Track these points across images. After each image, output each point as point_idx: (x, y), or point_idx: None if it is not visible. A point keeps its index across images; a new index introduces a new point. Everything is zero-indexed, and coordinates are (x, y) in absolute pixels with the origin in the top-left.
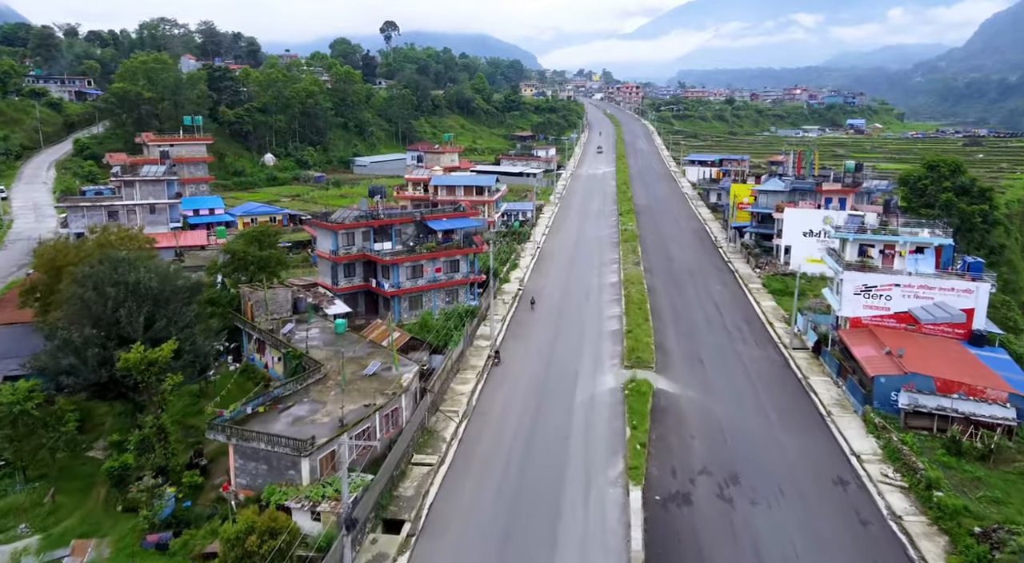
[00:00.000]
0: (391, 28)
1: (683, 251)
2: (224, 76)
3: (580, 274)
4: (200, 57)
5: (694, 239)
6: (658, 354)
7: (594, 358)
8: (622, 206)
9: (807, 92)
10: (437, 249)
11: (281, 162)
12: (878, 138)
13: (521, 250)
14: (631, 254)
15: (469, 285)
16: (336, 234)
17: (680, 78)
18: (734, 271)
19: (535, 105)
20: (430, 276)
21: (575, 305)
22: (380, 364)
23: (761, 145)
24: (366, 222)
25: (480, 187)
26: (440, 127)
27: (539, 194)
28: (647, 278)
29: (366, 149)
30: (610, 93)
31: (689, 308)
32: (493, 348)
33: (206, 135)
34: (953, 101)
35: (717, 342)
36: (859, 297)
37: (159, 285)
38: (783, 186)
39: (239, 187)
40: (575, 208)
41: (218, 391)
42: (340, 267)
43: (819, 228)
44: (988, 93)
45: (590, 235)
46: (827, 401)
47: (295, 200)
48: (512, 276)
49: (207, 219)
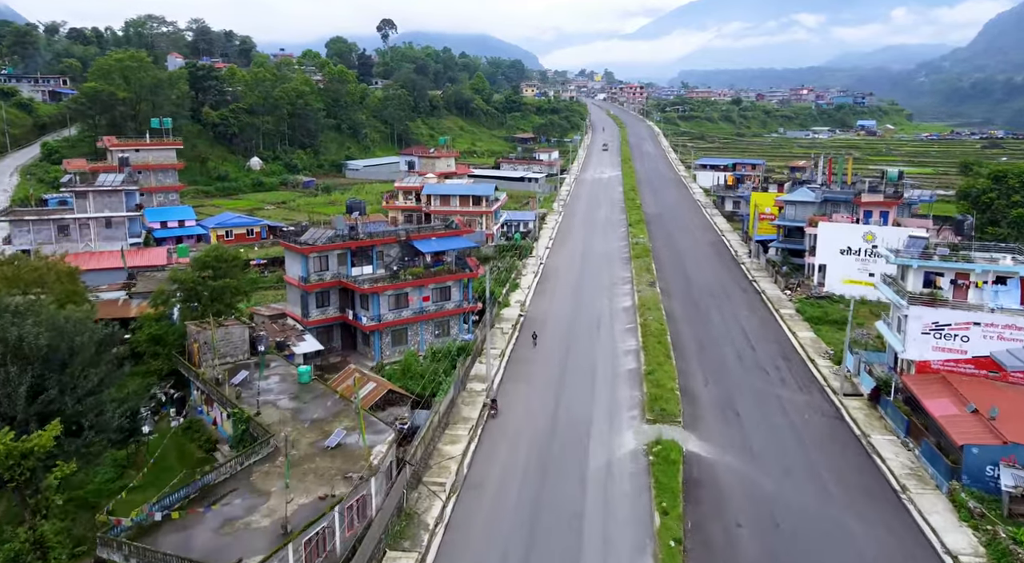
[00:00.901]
0: (388, 27)
1: (702, 268)
2: (208, 75)
3: (589, 297)
4: (190, 56)
5: (712, 254)
6: (685, 402)
7: (609, 407)
8: (631, 215)
9: (814, 92)
10: (425, 274)
11: (268, 166)
12: (891, 140)
13: (522, 267)
14: (644, 272)
15: (462, 315)
16: (306, 258)
17: (682, 78)
18: (761, 292)
19: (536, 106)
20: (416, 306)
21: (584, 337)
22: (346, 432)
23: (771, 147)
24: (342, 243)
25: (477, 196)
26: (438, 129)
27: (541, 201)
28: (664, 302)
29: (359, 152)
30: (613, 93)
31: (715, 340)
32: (489, 395)
33: (176, 139)
34: (957, 101)
35: (752, 385)
36: (928, 337)
37: (50, 342)
38: (813, 196)
39: (222, 193)
40: (580, 217)
41: (152, 451)
42: (311, 296)
43: (859, 245)
44: (994, 93)
45: (598, 249)
46: (899, 470)
47: (280, 208)
48: (512, 299)
49: (175, 232)
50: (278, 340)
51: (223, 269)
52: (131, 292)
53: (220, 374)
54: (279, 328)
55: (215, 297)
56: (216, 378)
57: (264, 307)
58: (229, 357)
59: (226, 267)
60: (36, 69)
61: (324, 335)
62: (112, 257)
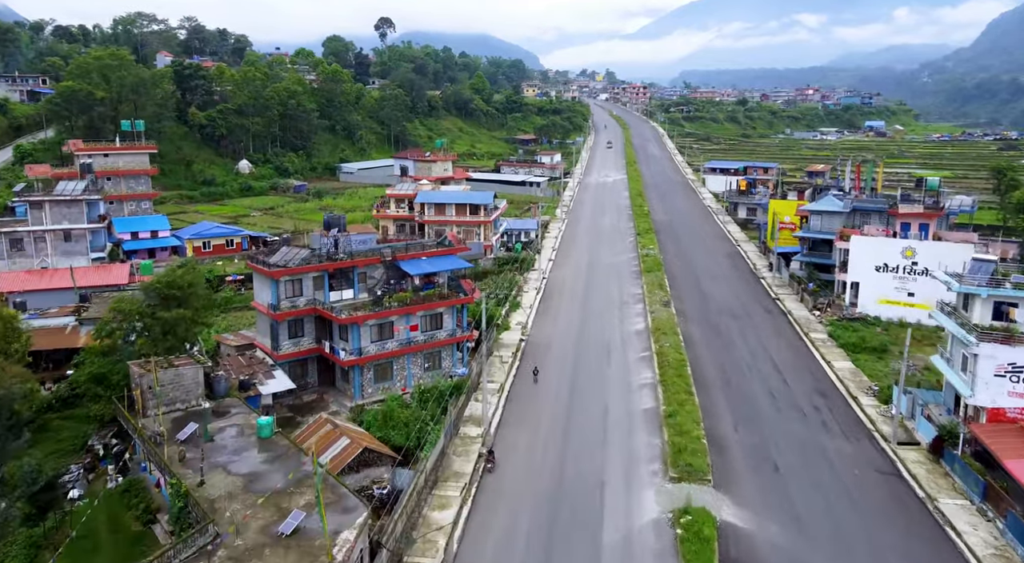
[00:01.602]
0: (386, 25)
1: (719, 284)
2: (195, 74)
3: (597, 317)
4: (182, 55)
5: (729, 267)
6: (713, 452)
7: (625, 460)
8: (639, 223)
9: (820, 92)
10: (413, 300)
11: (258, 169)
12: (902, 141)
13: (524, 282)
14: (657, 289)
15: (456, 345)
16: (276, 283)
17: (683, 79)
18: (786, 313)
19: (538, 106)
20: (403, 337)
21: (593, 367)
22: (306, 514)
23: (779, 149)
24: (318, 265)
25: (475, 205)
26: (436, 130)
27: (544, 208)
28: (681, 324)
29: (354, 154)
30: (615, 93)
31: (742, 372)
32: (485, 444)
33: (151, 142)
34: (962, 101)
35: (790, 430)
36: (1003, 380)
37: None
38: (840, 205)
39: (208, 198)
40: (585, 224)
41: (75, 523)
42: (282, 326)
43: (897, 262)
44: (999, 93)
45: (605, 261)
46: (980, 550)
47: (267, 214)
48: (513, 320)
49: (148, 244)
50: (242, 379)
51: (180, 296)
52: (81, 317)
53: (162, 427)
54: (246, 362)
55: (168, 330)
56: (157, 434)
57: (233, 335)
58: (179, 403)
59: (183, 293)
60: (16, 68)
61: (298, 369)
62: (63, 276)
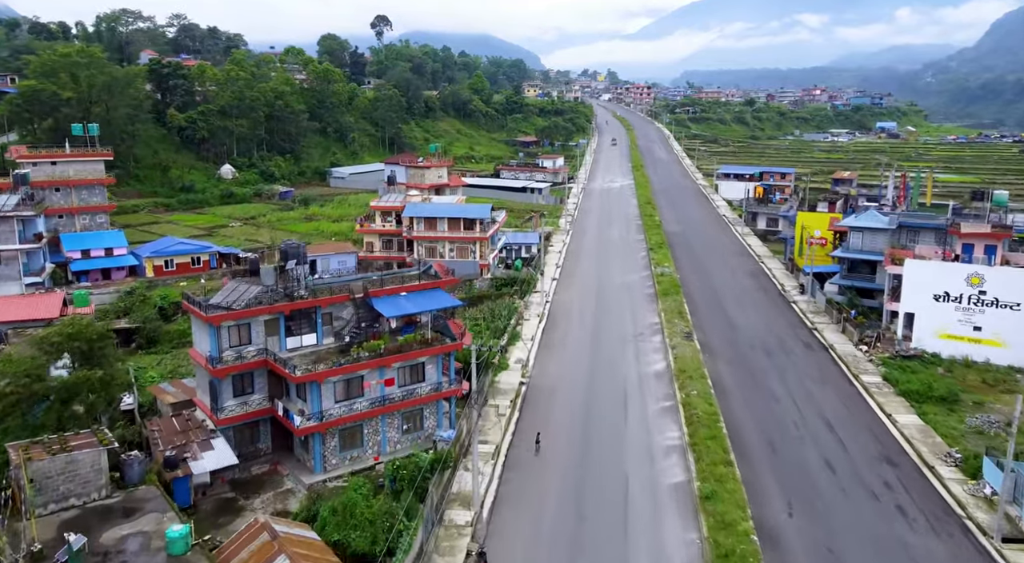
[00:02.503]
0: (383, 23)
1: (746, 310)
2: (174, 73)
3: (609, 354)
4: (170, 54)
5: (754, 288)
6: (767, 554)
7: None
8: (650, 235)
9: (827, 93)
10: (388, 349)
11: (242, 175)
12: (916, 143)
13: (524, 308)
14: (676, 317)
15: (441, 401)
16: (217, 330)
17: (685, 79)
18: (828, 347)
19: (539, 107)
20: (376, 394)
21: (607, 424)
22: None
23: (790, 151)
24: (270, 306)
25: (470, 220)
26: (433, 132)
27: (546, 216)
28: (708, 363)
29: (346, 158)
30: (618, 94)
31: (786, 429)
32: (476, 537)
33: (106, 148)
34: (966, 102)
35: (860, 519)
36: None
37: None
38: (885, 222)
39: (186, 206)
40: (592, 236)
41: None
42: (224, 383)
43: (960, 290)
44: (1004, 94)
45: (615, 281)
46: None
47: (247, 225)
48: (513, 356)
49: (101, 263)
50: (168, 454)
51: (86, 351)
52: None
53: (37, 544)
54: (180, 426)
55: (69, 397)
56: (31, 550)
57: (175, 385)
58: (74, 498)
59: (91, 348)
60: None
61: (246, 433)
62: None
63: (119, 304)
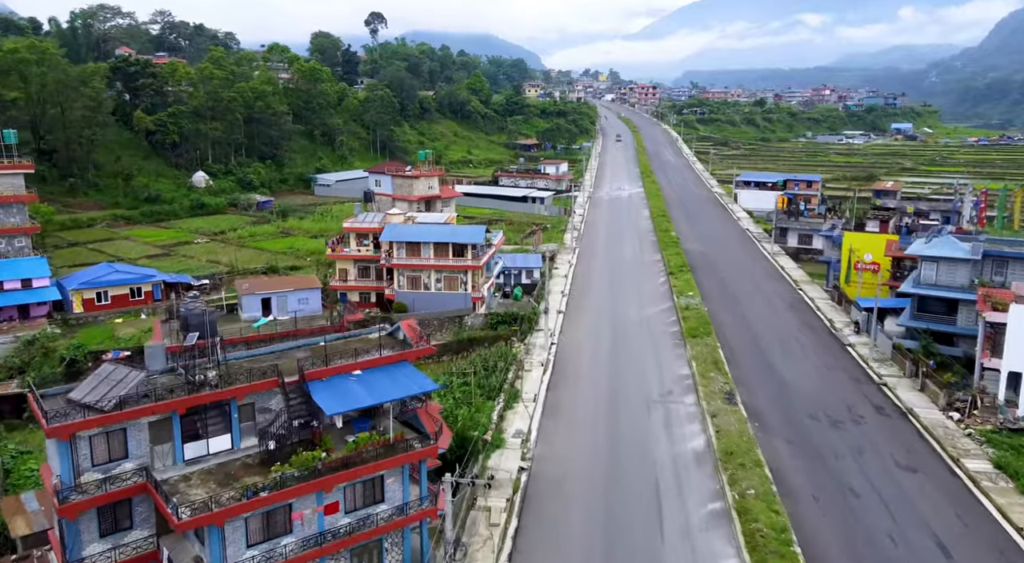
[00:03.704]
0: (377, 20)
1: (794, 358)
2: (142, 72)
3: (631, 425)
4: (152, 52)
5: (799, 326)
6: None
7: None
8: (668, 254)
9: (836, 92)
10: (328, 466)
11: (217, 183)
12: (936, 145)
13: (525, 354)
14: (711, 369)
15: (409, 527)
16: (68, 445)
17: (687, 79)
18: (906, 412)
19: (541, 108)
20: (312, 528)
21: (638, 544)
22: None
23: (804, 154)
24: (158, 404)
25: (460, 245)
26: (429, 134)
27: (549, 228)
28: (761, 441)
29: (334, 163)
30: (622, 94)
31: (883, 550)
32: None
33: (26, 160)
34: (972, 102)
35: None
36: None
37: None
38: (967, 250)
39: (150, 219)
40: (601, 256)
41: None
42: (83, 523)
43: None
44: (1011, 94)
45: (632, 316)
46: None
47: (215, 240)
48: (510, 428)
49: (16, 298)
50: None
51: None
52: None
53: None
54: None
55: None
56: None
57: (41, 497)
58: None
59: None
60: None
61: None
62: None
63: (14, 358)
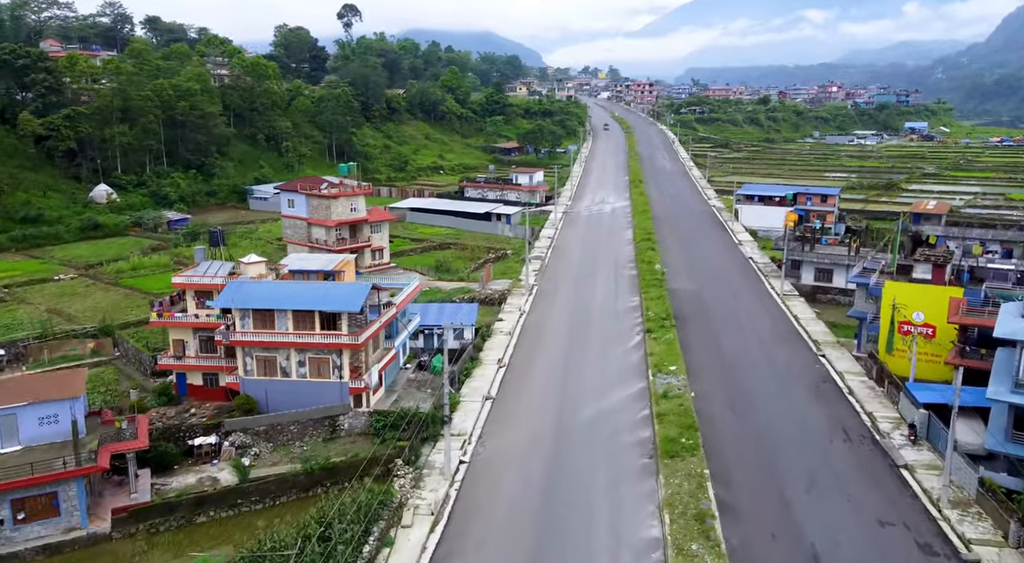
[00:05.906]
0: (351, 13)
1: (831, 498)
2: (34, 66)
3: None
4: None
5: (829, 430)
6: None
7: None
8: (649, 300)
9: (843, 89)
10: None
11: (125, 198)
12: (956, 146)
13: (409, 494)
14: (694, 530)
15: None
16: None
17: (690, 76)
18: None
19: (525, 108)
20: None
21: None
22: None
23: (813, 157)
24: None
25: (331, 314)
26: (396, 137)
27: (508, 256)
28: None
29: (278, 172)
30: (618, 92)
31: None
32: None
33: None
34: (980, 99)
35: None
36: None
37: None
38: None
39: (24, 243)
40: (564, 301)
41: None
42: None
43: None
44: (1020, 90)
45: (588, 407)
46: None
47: (83, 276)
48: None
49: None
50: None
51: None
52: None
53: None
54: None
55: None
56: None
57: None
58: None
59: None
60: None
61: None
62: None
63: None
